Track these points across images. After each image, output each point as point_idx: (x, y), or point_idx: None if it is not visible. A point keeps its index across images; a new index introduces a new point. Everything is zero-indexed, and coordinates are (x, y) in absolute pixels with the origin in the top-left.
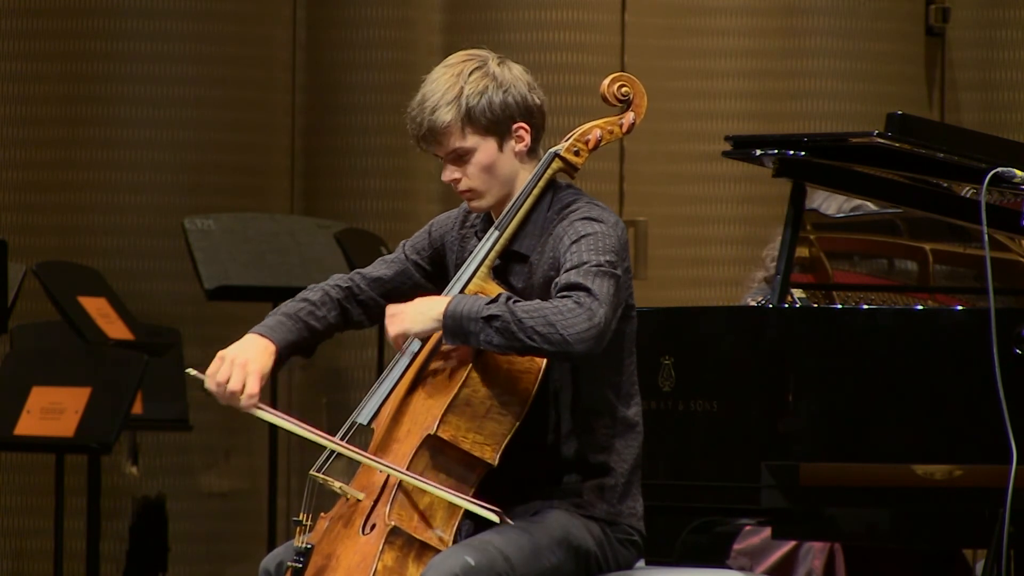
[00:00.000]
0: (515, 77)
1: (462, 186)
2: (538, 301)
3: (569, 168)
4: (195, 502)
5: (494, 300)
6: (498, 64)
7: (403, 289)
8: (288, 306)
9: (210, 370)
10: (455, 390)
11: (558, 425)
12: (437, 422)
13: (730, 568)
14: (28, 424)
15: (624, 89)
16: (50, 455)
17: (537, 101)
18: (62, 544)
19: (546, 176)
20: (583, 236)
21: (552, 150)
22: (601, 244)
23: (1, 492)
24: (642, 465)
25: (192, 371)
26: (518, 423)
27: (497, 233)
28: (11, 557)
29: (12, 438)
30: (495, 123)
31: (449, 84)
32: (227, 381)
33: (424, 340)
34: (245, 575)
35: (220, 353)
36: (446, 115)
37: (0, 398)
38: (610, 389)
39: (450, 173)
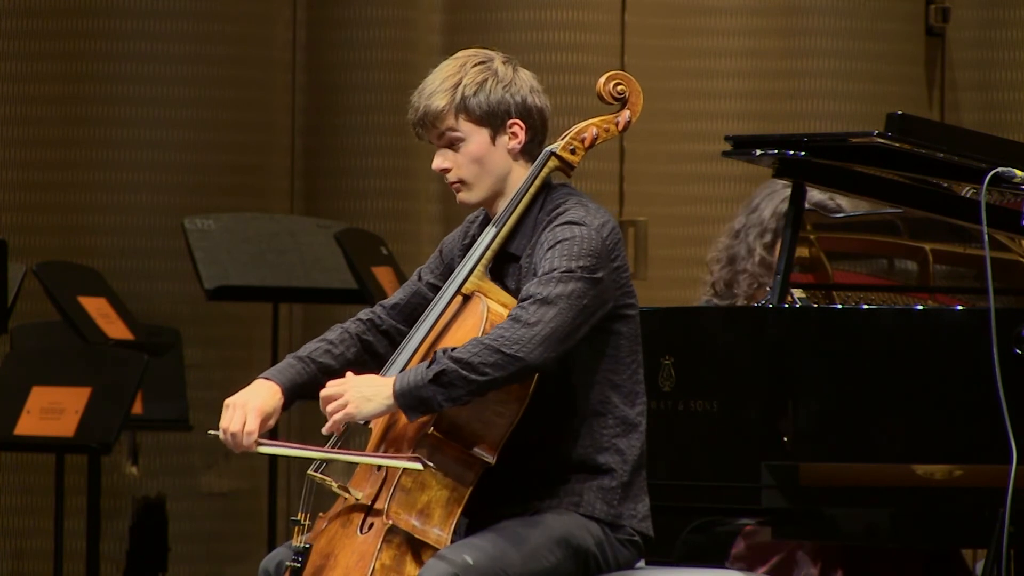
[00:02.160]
0: (519, 78)
1: (452, 176)
2: (477, 337)
3: (565, 166)
4: (195, 502)
5: (432, 361)
6: (503, 63)
7: (420, 312)
8: (304, 347)
9: (221, 421)
10: None
11: (558, 425)
12: (434, 420)
13: (730, 569)
14: (28, 424)
15: (620, 87)
16: (50, 455)
17: (538, 104)
18: (62, 544)
19: (542, 175)
20: (559, 242)
21: (548, 148)
22: (576, 248)
23: (1, 492)
24: (646, 466)
25: (212, 432)
26: (516, 421)
27: (494, 231)
28: (11, 557)
29: (12, 438)
30: (489, 114)
31: (450, 73)
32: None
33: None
34: (245, 575)
35: (226, 401)
36: (441, 100)
37: (0, 398)
38: (611, 390)
39: (440, 161)
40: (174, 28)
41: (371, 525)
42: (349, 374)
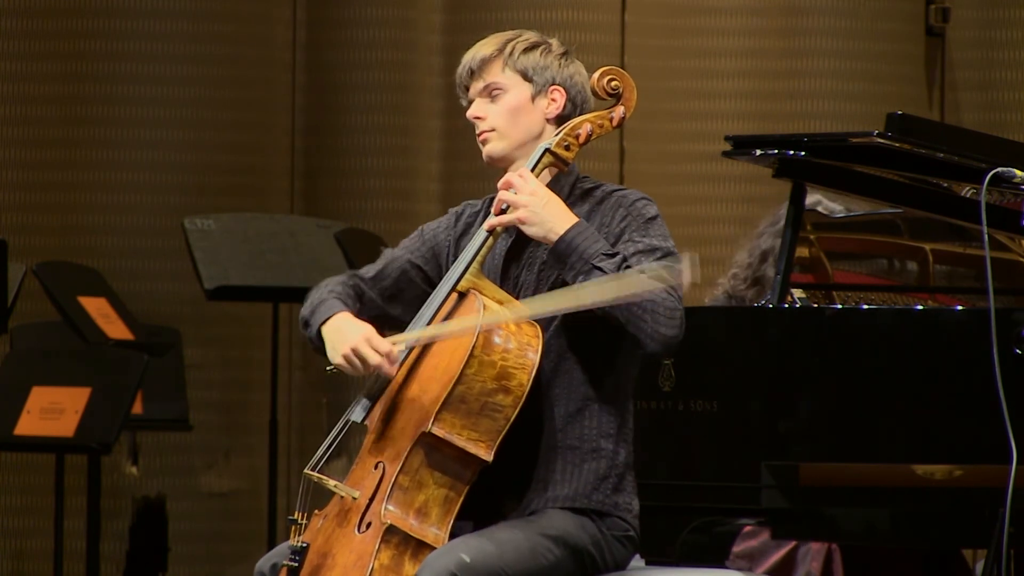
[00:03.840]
0: (570, 58)
1: (485, 125)
2: (660, 289)
3: (559, 162)
4: (195, 502)
5: (611, 255)
6: (559, 43)
7: (402, 291)
8: (330, 290)
9: (351, 370)
10: (450, 387)
11: (553, 421)
12: (431, 419)
13: (729, 569)
14: (28, 424)
15: (614, 83)
16: (50, 455)
17: (582, 83)
18: (62, 544)
19: (535, 171)
20: (651, 219)
21: (542, 145)
22: (664, 229)
23: (1, 492)
24: (636, 464)
25: (329, 369)
26: (513, 419)
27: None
28: (11, 557)
29: (12, 438)
30: (534, 72)
31: (505, 34)
32: (372, 364)
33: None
34: (243, 573)
35: (342, 353)
36: (491, 48)
37: (0, 398)
38: (608, 385)
39: (476, 109)
40: (174, 28)
41: (369, 524)
42: (536, 182)
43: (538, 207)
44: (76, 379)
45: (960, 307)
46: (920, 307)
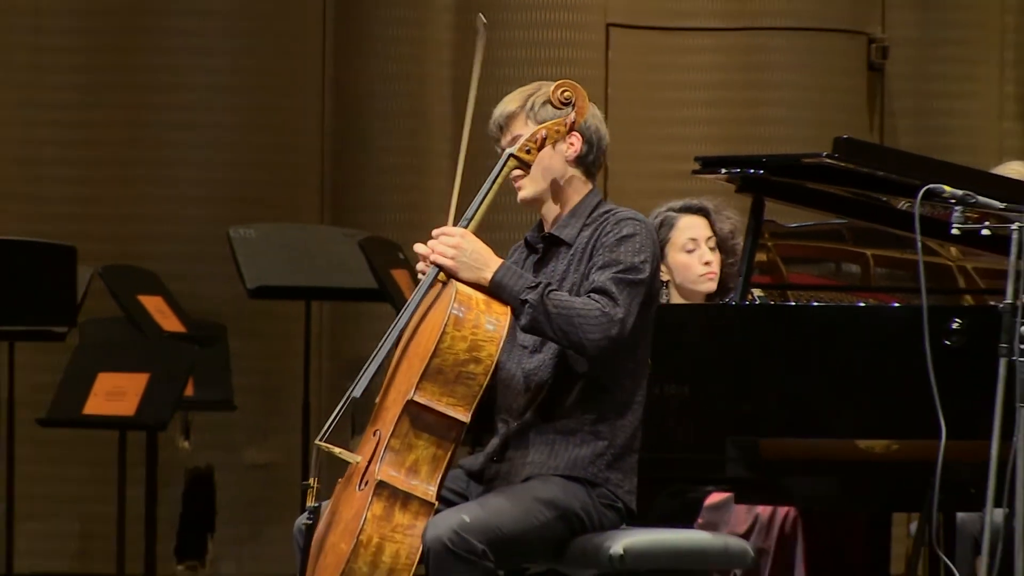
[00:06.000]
0: (588, 110)
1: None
2: (568, 298)
3: (522, 165)
4: (238, 473)
5: (534, 286)
6: None
7: None
8: None
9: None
10: (427, 360)
11: (552, 408)
12: (414, 389)
13: (697, 529)
14: (95, 405)
15: (566, 93)
16: (114, 432)
17: (597, 126)
18: (124, 509)
19: (503, 173)
20: (625, 237)
21: (508, 151)
22: (638, 245)
23: (71, 464)
24: (638, 448)
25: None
26: (484, 384)
27: (464, 223)
28: (81, 520)
29: (81, 417)
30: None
31: (527, 89)
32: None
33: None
34: (280, 533)
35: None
36: (514, 105)
37: (70, 383)
38: (607, 373)
39: None
40: (220, 64)
41: (367, 483)
42: (466, 233)
43: (464, 257)
44: (136, 366)
45: (897, 304)
46: (863, 304)
